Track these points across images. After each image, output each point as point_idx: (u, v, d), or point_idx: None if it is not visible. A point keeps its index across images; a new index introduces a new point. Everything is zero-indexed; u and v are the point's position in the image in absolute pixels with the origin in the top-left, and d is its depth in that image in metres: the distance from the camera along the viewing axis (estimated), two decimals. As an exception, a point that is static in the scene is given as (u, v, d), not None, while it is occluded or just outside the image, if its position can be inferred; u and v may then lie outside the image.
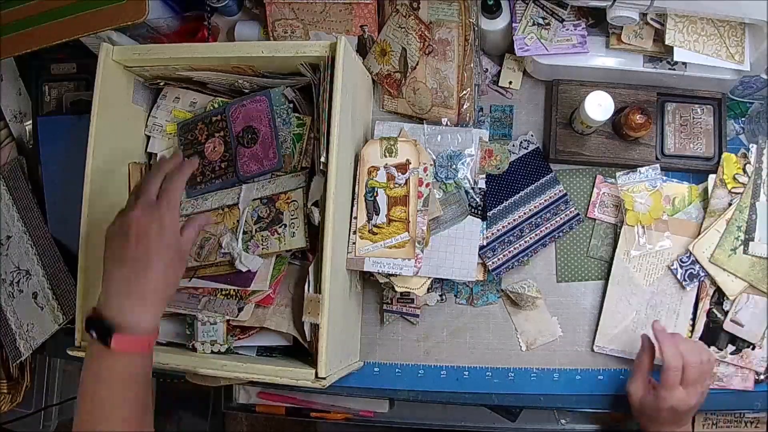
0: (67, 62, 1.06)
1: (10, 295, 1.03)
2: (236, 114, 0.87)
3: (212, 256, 0.86)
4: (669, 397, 0.77)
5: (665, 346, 0.77)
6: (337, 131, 0.77)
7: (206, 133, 0.89)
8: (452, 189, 0.88)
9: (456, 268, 0.87)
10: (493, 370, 0.92)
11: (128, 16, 0.85)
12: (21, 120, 1.12)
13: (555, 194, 0.92)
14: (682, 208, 0.90)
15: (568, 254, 0.92)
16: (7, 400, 1.28)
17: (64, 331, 1.00)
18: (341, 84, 0.78)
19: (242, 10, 1.02)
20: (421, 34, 0.90)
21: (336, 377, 0.80)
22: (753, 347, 0.86)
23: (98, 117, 0.85)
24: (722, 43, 0.82)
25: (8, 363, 1.16)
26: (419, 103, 0.92)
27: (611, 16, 0.81)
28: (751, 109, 0.92)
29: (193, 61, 0.86)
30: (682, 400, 0.76)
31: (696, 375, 0.76)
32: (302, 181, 0.85)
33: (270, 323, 0.85)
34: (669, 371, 0.76)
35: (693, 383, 0.76)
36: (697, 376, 0.76)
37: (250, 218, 0.86)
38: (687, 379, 0.76)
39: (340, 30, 0.94)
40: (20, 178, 1.06)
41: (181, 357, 0.81)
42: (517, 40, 0.88)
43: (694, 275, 0.87)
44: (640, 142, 0.90)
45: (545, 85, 0.95)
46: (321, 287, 0.77)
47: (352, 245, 0.86)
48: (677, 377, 0.76)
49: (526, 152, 0.94)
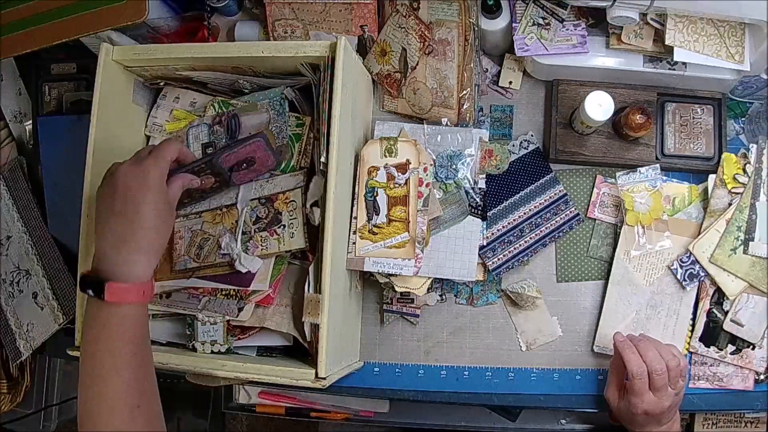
0: (67, 62, 1.06)
1: (10, 295, 1.03)
2: (228, 159, 0.81)
3: (211, 256, 0.86)
4: (639, 403, 0.78)
5: (626, 356, 0.78)
6: (337, 131, 0.77)
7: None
8: (452, 189, 0.88)
9: (456, 268, 0.87)
10: (493, 370, 0.92)
11: (128, 16, 0.85)
12: (21, 120, 1.12)
13: (555, 194, 0.92)
14: (682, 208, 0.90)
15: (568, 254, 0.92)
16: (7, 400, 1.28)
17: (64, 331, 1.00)
18: (341, 84, 0.78)
19: (242, 10, 1.02)
20: (421, 34, 0.90)
21: (336, 377, 0.80)
22: (753, 347, 0.86)
23: (98, 117, 0.84)
24: (722, 43, 0.82)
25: (8, 363, 1.16)
26: (419, 103, 0.92)
27: (611, 16, 0.81)
28: (751, 109, 0.92)
29: (193, 61, 0.86)
30: (654, 403, 0.77)
31: (662, 382, 0.77)
32: (301, 180, 0.85)
33: (270, 323, 0.85)
34: (634, 380, 0.77)
35: (661, 388, 0.77)
36: (663, 382, 0.77)
37: (249, 219, 0.86)
38: (654, 385, 0.77)
39: (340, 30, 0.94)
40: (20, 178, 1.06)
41: (181, 357, 0.81)
42: (517, 40, 0.88)
43: (694, 275, 0.87)
44: (640, 142, 0.90)
45: (545, 85, 0.95)
46: (321, 287, 0.77)
47: (352, 245, 0.86)
48: (644, 384, 0.77)
49: (526, 152, 0.94)
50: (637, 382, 0.77)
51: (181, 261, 0.87)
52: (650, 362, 0.77)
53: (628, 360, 0.78)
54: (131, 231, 0.68)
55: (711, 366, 0.88)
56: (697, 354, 0.88)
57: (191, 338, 0.86)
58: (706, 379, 0.88)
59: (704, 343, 0.88)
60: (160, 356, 0.80)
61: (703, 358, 0.88)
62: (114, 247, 0.68)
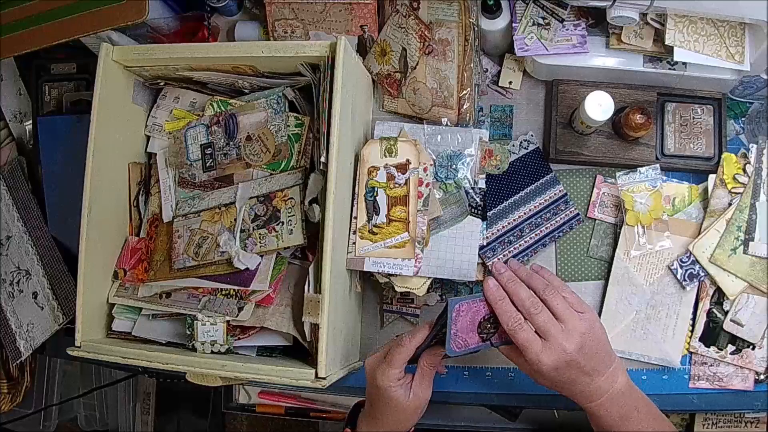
0: (67, 62, 1.06)
1: (10, 295, 1.03)
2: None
3: (210, 255, 0.86)
4: (537, 359, 0.64)
5: (497, 308, 0.66)
6: (337, 131, 0.77)
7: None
8: (452, 189, 0.88)
9: (456, 268, 0.87)
10: (493, 370, 0.92)
11: (128, 16, 0.85)
12: (21, 120, 1.12)
13: (555, 194, 0.92)
14: (682, 208, 0.90)
15: (568, 254, 0.92)
16: (7, 400, 1.28)
17: (64, 331, 1.00)
18: (341, 84, 0.78)
19: (242, 10, 1.02)
20: (421, 34, 0.90)
21: (336, 377, 0.80)
22: (753, 347, 0.86)
23: (98, 117, 0.85)
24: (722, 43, 0.82)
25: (8, 363, 1.16)
26: (419, 103, 0.92)
27: (611, 16, 0.81)
28: (751, 109, 0.92)
29: (193, 61, 0.86)
30: (553, 351, 0.63)
31: (542, 319, 0.64)
32: (299, 178, 0.85)
33: (270, 323, 0.85)
34: (501, 318, 0.66)
35: (550, 328, 0.64)
36: (545, 318, 0.64)
37: (248, 216, 0.86)
38: (540, 329, 0.64)
39: (340, 30, 0.94)
40: (20, 178, 1.06)
41: (181, 357, 0.81)
42: (517, 40, 0.88)
43: (694, 275, 0.87)
44: (640, 142, 0.90)
45: (545, 85, 0.95)
46: (321, 287, 0.77)
47: (352, 245, 0.86)
48: (527, 334, 0.64)
49: (526, 152, 0.94)
50: (504, 319, 0.65)
51: (180, 260, 0.87)
52: (521, 302, 0.65)
53: (498, 312, 0.66)
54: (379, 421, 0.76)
55: (711, 366, 0.88)
56: (697, 354, 0.88)
57: (191, 338, 0.86)
58: (706, 379, 0.88)
59: (704, 343, 0.88)
60: (160, 356, 0.80)
61: (703, 358, 0.88)
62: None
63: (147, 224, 0.93)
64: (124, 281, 0.90)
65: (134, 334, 0.90)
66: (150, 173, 0.95)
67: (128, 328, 0.90)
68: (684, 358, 0.89)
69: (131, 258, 0.91)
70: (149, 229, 0.93)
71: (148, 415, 1.61)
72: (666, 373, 0.89)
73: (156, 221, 0.93)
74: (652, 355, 0.88)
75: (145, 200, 0.95)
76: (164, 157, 0.94)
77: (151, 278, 0.89)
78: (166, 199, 0.92)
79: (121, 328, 0.90)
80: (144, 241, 0.92)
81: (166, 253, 0.90)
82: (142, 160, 0.95)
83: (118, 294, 0.90)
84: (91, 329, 0.87)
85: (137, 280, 0.89)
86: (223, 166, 0.90)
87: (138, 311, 0.90)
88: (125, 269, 0.90)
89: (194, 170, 0.91)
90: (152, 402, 1.60)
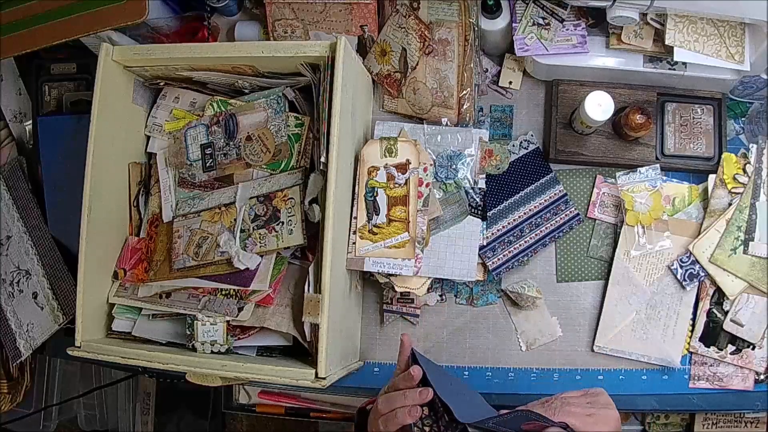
0: (67, 62, 1.06)
1: (10, 295, 1.03)
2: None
3: (210, 255, 0.86)
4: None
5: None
6: (337, 131, 0.77)
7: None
8: (452, 189, 0.88)
9: (456, 268, 0.87)
10: (493, 370, 0.92)
11: (128, 16, 0.85)
12: (21, 120, 1.12)
13: (555, 194, 0.92)
14: (682, 208, 0.90)
15: (568, 254, 0.92)
16: (7, 400, 1.28)
17: (64, 331, 1.00)
18: (341, 84, 0.78)
19: (242, 10, 1.02)
20: (421, 34, 0.90)
21: (336, 377, 0.80)
22: (753, 347, 0.86)
23: (98, 117, 0.85)
24: (722, 43, 0.82)
25: (8, 363, 1.16)
26: (419, 103, 0.92)
27: (611, 16, 0.81)
28: (751, 109, 0.92)
29: (193, 61, 0.86)
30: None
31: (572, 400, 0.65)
32: (299, 178, 0.85)
33: (270, 323, 0.85)
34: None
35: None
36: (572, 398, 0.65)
37: (248, 216, 0.86)
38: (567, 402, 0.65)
39: (340, 30, 0.94)
40: (20, 178, 1.06)
41: (181, 357, 0.81)
42: (517, 40, 0.88)
43: (694, 275, 0.87)
44: (640, 142, 0.90)
45: (545, 85, 0.95)
46: (321, 287, 0.77)
47: (352, 245, 0.86)
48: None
49: (526, 152, 0.94)
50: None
51: (180, 260, 0.87)
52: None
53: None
54: None
55: (711, 366, 0.88)
56: (697, 354, 0.88)
57: (191, 338, 0.86)
58: (706, 379, 0.88)
59: (704, 343, 0.88)
60: (160, 356, 0.80)
61: (703, 358, 0.88)
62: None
63: (147, 224, 0.93)
64: (124, 281, 0.90)
65: (134, 334, 0.90)
66: (150, 173, 0.95)
67: (128, 328, 0.90)
68: (684, 358, 0.89)
69: (131, 258, 0.91)
70: (149, 229, 0.93)
71: (148, 415, 1.61)
72: (666, 373, 0.89)
73: (156, 221, 0.93)
74: (652, 355, 0.88)
75: (145, 200, 0.95)
76: (164, 157, 0.94)
77: (151, 278, 0.89)
78: (166, 199, 0.92)
79: (121, 328, 0.90)
80: (144, 241, 0.92)
81: (166, 253, 0.90)
82: (142, 160, 0.95)
83: (118, 294, 0.90)
84: (91, 329, 0.87)
85: (137, 280, 0.89)
86: (223, 166, 0.90)
87: (138, 311, 0.90)
88: (125, 269, 0.90)
89: (194, 170, 0.91)
90: (152, 402, 1.60)
